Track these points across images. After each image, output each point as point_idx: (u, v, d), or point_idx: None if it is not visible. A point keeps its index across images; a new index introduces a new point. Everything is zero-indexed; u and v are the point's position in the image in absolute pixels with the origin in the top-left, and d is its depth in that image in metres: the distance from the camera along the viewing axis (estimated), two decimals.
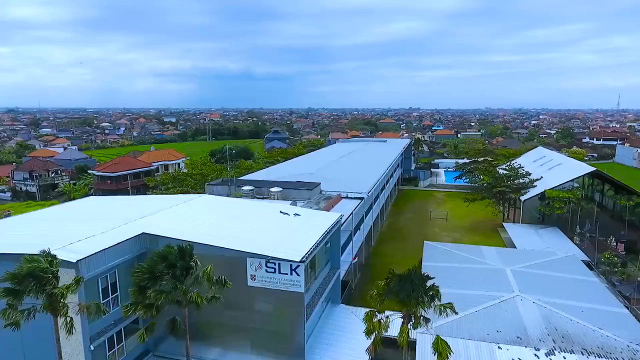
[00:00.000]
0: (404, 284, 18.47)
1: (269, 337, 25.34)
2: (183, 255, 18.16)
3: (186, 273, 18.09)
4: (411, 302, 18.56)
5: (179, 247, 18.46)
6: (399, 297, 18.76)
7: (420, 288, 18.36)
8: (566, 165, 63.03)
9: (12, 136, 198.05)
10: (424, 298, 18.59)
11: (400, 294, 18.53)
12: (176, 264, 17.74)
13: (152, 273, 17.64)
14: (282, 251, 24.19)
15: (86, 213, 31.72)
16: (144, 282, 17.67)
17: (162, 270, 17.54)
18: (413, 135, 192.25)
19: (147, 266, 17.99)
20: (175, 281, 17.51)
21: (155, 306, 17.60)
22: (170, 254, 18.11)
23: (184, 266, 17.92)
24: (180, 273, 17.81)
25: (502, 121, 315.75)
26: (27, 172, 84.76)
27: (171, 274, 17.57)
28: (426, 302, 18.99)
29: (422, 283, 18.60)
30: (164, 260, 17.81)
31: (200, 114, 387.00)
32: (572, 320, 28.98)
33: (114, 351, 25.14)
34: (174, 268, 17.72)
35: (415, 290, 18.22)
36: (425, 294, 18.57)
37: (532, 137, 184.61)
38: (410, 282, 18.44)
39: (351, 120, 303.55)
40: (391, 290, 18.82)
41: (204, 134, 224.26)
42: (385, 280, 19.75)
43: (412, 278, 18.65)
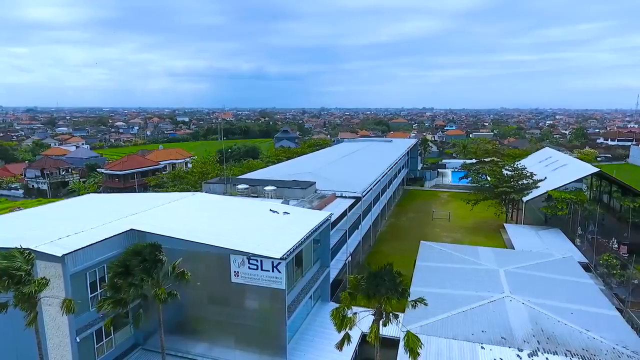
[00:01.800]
0: (372, 281, 18.70)
1: (252, 333, 25.80)
2: (154, 251, 18.71)
3: (154, 267, 18.60)
4: (381, 298, 18.76)
5: (150, 243, 19.03)
6: (368, 294, 18.99)
7: (389, 284, 18.55)
8: (571, 166, 62.24)
9: (30, 135, 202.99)
10: (393, 294, 18.76)
11: (369, 291, 18.76)
12: (146, 258, 18.28)
13: (126, 267, 18.23)
14: (264, 248, 24.60)
15: (82, 209, 32.61)
16: (118, 277, 18.26)
17: (135, 265, 18.10)
18: (424, 135, 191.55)
19: (121, 261, 18.59)
20: (144, 275, 18.04)
21: (124, 301, 18.17)
22: (143, 249, 18.68)
23: (153, 260, 18.45)
24: (150, 267, 18.35)
25: (517, 121, 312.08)
26: (39, 170, 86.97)
27: (141, 267, 18.11)
28: (396, 298, 19.15)
29: (391, 279, 18.80)
30: (137, 255, 18.39)
31: (213, 114, 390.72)
32: (560, 321, 28.81)
33: (102, 344, 25.87)
34: (144, 262, 18.28)
35: (384, 286, 18.42)
36: (394, 291, 18.74)
37: (545, 138, 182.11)
38: (380, 279, 18.65)
39: (363, 120, 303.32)
40: (361, 286, 19.06)
41: (215, 133, 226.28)
42: (356, 277, 20.01)
43: (382, 275, 18.86)
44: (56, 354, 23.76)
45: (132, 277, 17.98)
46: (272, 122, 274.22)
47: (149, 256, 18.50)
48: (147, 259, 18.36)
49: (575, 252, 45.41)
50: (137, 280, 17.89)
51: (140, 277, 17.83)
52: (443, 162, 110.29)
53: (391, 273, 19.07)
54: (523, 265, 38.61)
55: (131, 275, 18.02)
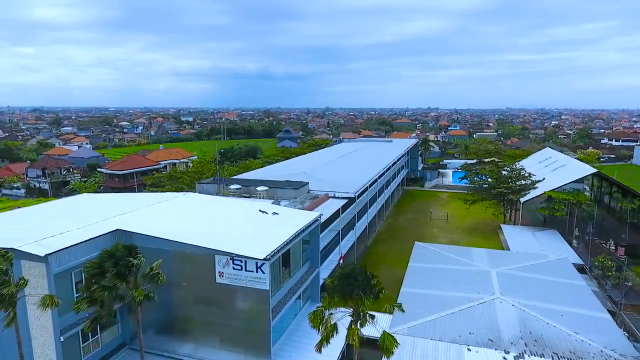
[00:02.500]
0: (346, 282, 18.61)
1: (237, 334, 25.77)
2: (129, 253, 18.75)
3: (129, 270, 18.63)
4: (357, 299, 18.68)
5: (124, 245, 19.07)
6: (341, 295, 18.89)
7: (362, 285, 18.44)
8: (569, 166, 61.74)
9: (35, 134, 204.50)
10: (367, 295, 18.66)
11: (343, 292, 18.67)
12: (120, 261, 18.32)
13: (100, 269, 18.27)
14: (248, 249, 24.57)
15: (73, 209, 32.76)
16: (93, 278, 18.30)
17: (110, 266, 18.14)
18: (426, 135, 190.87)
19: (96, 262, 18.64)
20: (118, 277, 18.07)
21: (100, 302, 18.21)
22: (118, 251, 18.72)
23: (127, 263, 18.49)
24: (124, 269, 18.38)
25: (522, 121, 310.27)
26: (40, 169, 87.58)
27: (116, 269, 18.15)
28: (370, 299, 19.04)
29: (365, 281, 18.70)
30: (112, 257, 18.43)
31: (217, 114, 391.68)
32: (549, 324, 28.61)
33: (89, 343, 25.97)
34: (118, 265, 18.31)
35: (357, 287, 18.33)
36: (368, 292, 18.64)
37: (549, 138, 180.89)
38: (353, 280, 18.56)
39: (366, 120, 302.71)
40: (335, 287, 18.98)
41: (219, 133, 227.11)
42: (332, 278, 19.91)
43: (355, 275, 18.75)
44: (41, 353, 23.88)
45: (106, 278, 17.99)
46: (276, 122, 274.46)
47: (123, 258, 18.51)
48: (121, 262, 18.38)
49: (571, 254, 45.05)
50: (111, 282, 17.91)
51: (113, 278, 17.85)
52: (444, 163, 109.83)
53: (364, 274, 18.95)
54: (516, 266, 38.38)
55: (105, 277, 18.04)
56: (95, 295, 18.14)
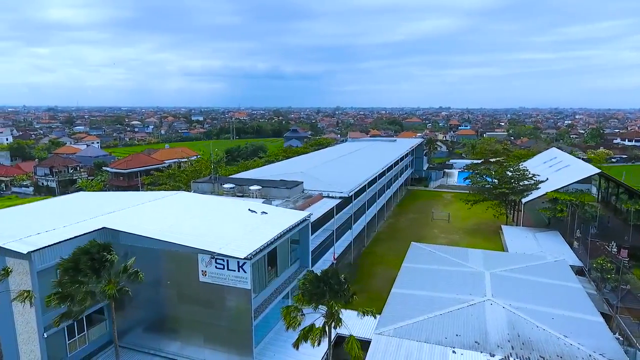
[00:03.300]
0: (318, 284, 18.51)
1: (220, 332, 25.88)
2: (102, 250, 18.93)
3: (103, 266, 18.80)
4: (329, 301, 18.58)
5: (99, 243, 19.26)
6: (314, 297, 18.80)
7: (334, 288, 18.33)
8: (573, 167, 60.69)
9: (48, 133, 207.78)
10: (339, 299, 18.54)
11: (315, 294, 18.58)
12: (95, 257, 18.51)
13: (75, 265, 18.45)
14: (231, 248, 24.62)
15: (65, 207, 33.18)
16: (66, 274, 18.50)
17: (83, 263, 18.34)
18: (435, 134, 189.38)
19: (71, 259, 18.84)
20: (91, 273, 18.24)
21: (71, 297, 18.40)
22: (92, 248, 18.90)
23: (101, 260, 18.66)
24: (98, 266, 18.56)
25: (534, 121, 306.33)
26: (48, 168, 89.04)
27: (89, 266, 18.34)
28: (342, 301, 18.92)
29: (337, 284, 18.58)
30: (86, 254, 18.62)
31: (228, 113, 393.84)
32: (538, 327, 28.10)
33: (75, 340, 26.29)
34: (93, 261, 18.49)
35: (329, 290, 18.22)
36: (340, 294, 18.52)
37: (561, 138, 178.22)
38: (325, 282, 18.45)
39: (376, 120, 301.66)
40: (307, 289, 18.90)
41: (228, 132, 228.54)
42: (304, 280, 19.83)
43: (327, 278, 18.64)
44: (26, 348, 24.26)
45: (80, 275, 18.19)
46: (285, 122, 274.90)
47: (97, 255, 18.70)
48: (95, 258, 18.57)
49: (571, 256, 44.34)
50: (84, 278, 18.08)
51: (86, 275, 18.03)
52: (450, 162, 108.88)
53: (336, 277, 18.82)
54: (511, 268, 37.82)
55: (79, 273, 18.23)
56: (66, 290, 18.31)
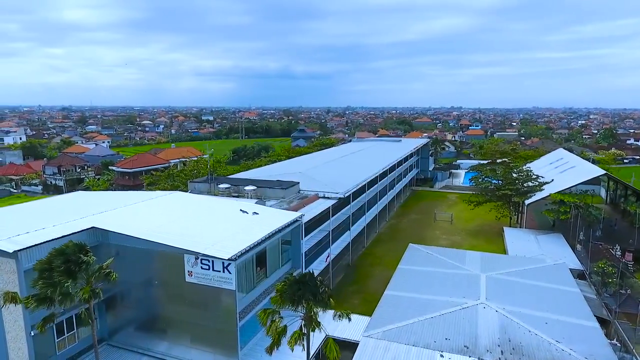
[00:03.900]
0: (295, 288, 18.35)
1: (206, 333, 25.87)
2: (78, 251, 19.02)
3: (78, 267, 18.88)
4: (307, 304, 18.41)
5: (75, 243, 19.35)
6: (291, 300, 18.65)
7: (313, 292, 18.16)
8: (578, 168, 59.57)
9: (60, 133, 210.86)
10: (316, 303, 18.36)
11: (291, 297, 18.43)
12: (70, 259, 18.59)
13: (50, 266, 18.56)
14: (216, 249, 24.58)
15: (59, 207, 33.53)
16: (42, 274, 18.63)
17: (58, 264, 18.45)
18: (444, 135, 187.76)
19: (46, 260, 18.97)
20: (65, 275, 18.33)
21: (49, 300, 18.52)
22: (68, 249, 19.00)
23: (76, 261, 18.74)
24: (73, 267, 18.64)
25: (547, 121, 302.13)
26: (56, 167, 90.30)
27: (64, 267, 18.44)
28: (318, 305, 18.74)
29: (315, 287, 18.39)
30: (61, 255, 18.73)
31: (239, 113, 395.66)
32: (531, 331, 27.61)
33: (64, 338, 26.51)
34: (68, 262, 18.59)
35: (306, 294, 18.05)
36: (317, 298, 18.34)
37: (572, 138, 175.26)
38: (302, 286, 18.28)
39: (385, 119, 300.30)
40: (285, 292, 18.75)
41: (237, 132, 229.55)
42: (282, 283, 19.66)
43: (304, 282, 18.47)
44: (14, 346, 24.51)
45: (55, 276, 18.30)
46: (294, 121, 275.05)
47: (72, 257, 18.79)
48: (70, 260, 18.66)
49: (573, 259, 43.51)
50: (60, 279, 18.20)
51: (61, 275, 18.14)
52: (457, 163, 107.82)
53: (313, 281, 18.64)
54: (508, 271, 37.25)
55: (54, 275, 18.34)
56: (41, 292, 18.45)
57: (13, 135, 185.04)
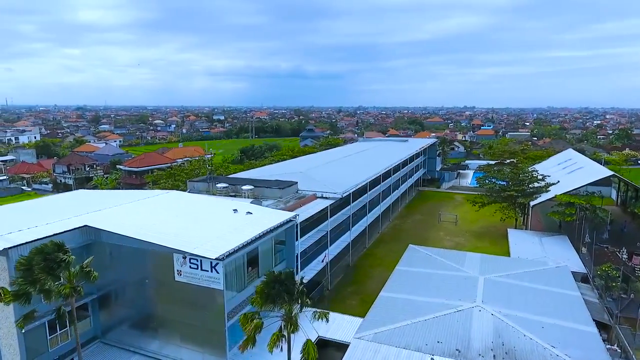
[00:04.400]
0: (272, 287, 18.20)
1: (195, 332, 25.90)
2: (58, 250, 19.15)
3: (57, 266, 19.01)
4: (284, 305, 18.25)
5: (54, 242, 19.50)
6: (268, 300, 18.50)
7: (289, 291, 17.98)
8: (586, 169, 58.36)
9: (74, 132, 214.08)
10: (292, 303, 18.18)
11: (269, 297, 18.28)
12: (48, 257, 18.74)
13: (29, 264, 18.74)
14: (205, 248, 24.56)
15: (57, 205, 33.91)
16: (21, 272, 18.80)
17: (37, 262, 18.60)
18: (455, 135, 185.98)
19: (26, 258, 19.14)
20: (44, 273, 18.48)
21: (26, 296, 18.68)
22: (47, 248, 19.15)
23: (55, 259, 18.87)
24: (52, 265, 18.77)
25: (562, 121, 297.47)
26: (66, 165, 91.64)
27: (43, 265, 18.58)
28: (296, 305, 18.55)
29: (291, 287, 18.21)
30: (40, 254, 18.89)
31: (250, 112, 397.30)
32: (525, 336, 27.06)
33: (56, 335, 26.76)
34: (47, 261, 18.73)
35: (283, 293, 17.89)
36: (294, 298, 18.15)
37: (586, 139, 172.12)
38: (279, 285, 18.12)
39: (396, 119, 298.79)
40: (262, 292, 18.60)
41: (247, 131, 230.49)
42: (262, 283, 19.51)
43: (281, 282, 18.30)
44: (6, 342, 24.84)
45: (34, 274, 18.46)
46: (305, 121, 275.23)
47: (51, 256, 18.93)
48: (49, 258, 18.81)
49: (577, 262, 42.58)
50: (39, 277, 18.35)
51: (39, 274, 18.29)
52: (465, 163, 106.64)
53: (290, 281, 18.46)
54: (508, 273, 36.63)
55: (32, 273, 18.51)
56: (20, 289, 18.62)
57: (28, 135, 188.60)
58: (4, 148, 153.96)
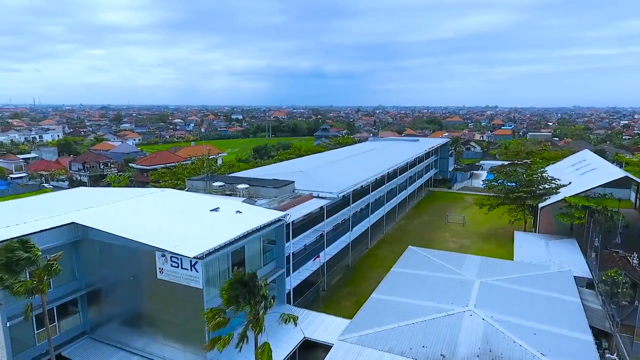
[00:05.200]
0: (235, 287, 17.95)
1: (177, 330, 25.96)
2: (21, 247, 19.38)
3: (17, 263, 19.22)
4: (248, 305, 18.00)
5: (20, 239, 19.73)
6: (230, 300, 18.25)
7: (252, 292, 17.71)
8: (599, 170, 56.28)
9: (96, 130, 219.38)
10: (255, 304, 17.90)
11: (232, 297, 18.04)
12: (9, 255, 19.00)
13: None
14: (185, 247, 24.53)
15: (51, 201, 34.59)
16: None
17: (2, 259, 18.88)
18: (473, 134, 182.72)
19: None
20: (4, 269, 18.71)
21: None
22: (12, 245, 19.40)
23: (19, 257, 19.10)
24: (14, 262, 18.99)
25: (587, 121, 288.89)
26: (81, 163, 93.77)
27: (5, 262, 18.83)
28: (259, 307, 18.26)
29: (254, 288, 17.93)
30: (4, 251, 19.15)
31: (269, 111, 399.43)
32: (516, 342, 26.12)
33: (44, 330, 27.17)
34: (7, 258, 18.98)
35: (246, 294, 17.63)
36: (259, 299, 17.87)
37: (609, 139, 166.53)
38: (242, 286, 17.86)
39: (414, 119, 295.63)
40: (225, 293, 18.37)
41: (264, 130, 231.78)
42: (225, 284, 19.27)
43: (244, 282, 18.04)
44: None
45: None
46: (322, 120, 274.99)
47: (16, 252, 19.17)
48: (10, 256, 19.05)
49: (582, 267, 41.05)
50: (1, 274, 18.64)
51: (1, 270, 18.55)
52: (480, 164, 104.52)
53: (253, 282, 18.17)
54: (507, 277, 35.57)
55: None
56: None
57: (52, 133, 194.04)
58: (28, 146, 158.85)
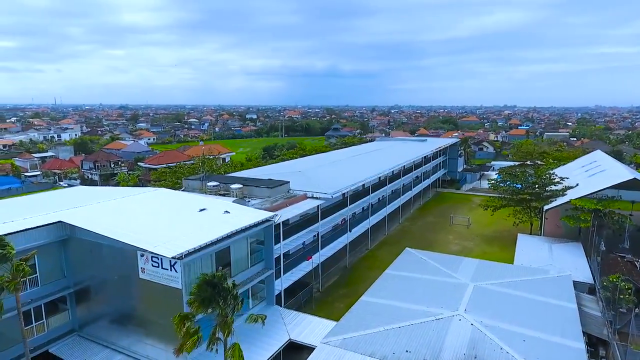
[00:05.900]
0: (205, 289, 17.77)
1: (158, 330, 25.96)
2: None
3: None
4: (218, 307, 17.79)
5: None
6: (201, 302, 18.08)
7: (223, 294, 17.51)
8: (609, 172, 54.53)
9: (113, 130, 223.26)
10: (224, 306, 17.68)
11: (203, 299, 17.87)
12: None
13: None
14: (165, 247, 24.52)
15: (45, 200, 35.10)
16: None
17: None
18: (487, 134, 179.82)
19: None
20: None
21: None
22: None
23: None
24: None
25: (608, 121, 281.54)
26: (92, 162, 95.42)
27: None
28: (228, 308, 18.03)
29: (224, 289, 17.72)
30: None
31: (284, 111, 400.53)
32: (502, 349, 25.40)
33: (32, 327, 27.59)
34: None
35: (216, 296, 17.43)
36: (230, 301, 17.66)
37: (629, 139, 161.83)
38: (212, 287, 17.67)
39: (429, 118, 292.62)
40: (195, 294, 18.22)
41: (278, 130, 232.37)
42: (195, 285, 19.11)
43: (214, 284, 17.83)
44: None
45: None
46: (335, 120, 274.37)
47: None
48: None
49: (585, 271, 39.87)
50: None
51: None
52: (490, 164, 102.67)
53: (222, 283, 17.96)
54: (502, 281, 34.71)
55: None
56: None
57: (69, 132, 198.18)
58: (46, 145, 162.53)
